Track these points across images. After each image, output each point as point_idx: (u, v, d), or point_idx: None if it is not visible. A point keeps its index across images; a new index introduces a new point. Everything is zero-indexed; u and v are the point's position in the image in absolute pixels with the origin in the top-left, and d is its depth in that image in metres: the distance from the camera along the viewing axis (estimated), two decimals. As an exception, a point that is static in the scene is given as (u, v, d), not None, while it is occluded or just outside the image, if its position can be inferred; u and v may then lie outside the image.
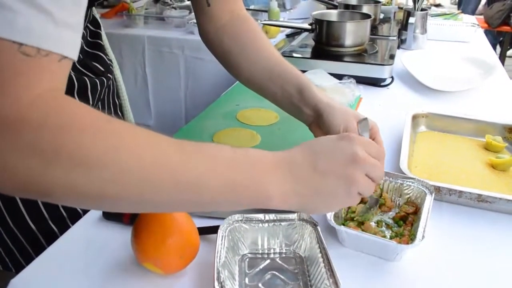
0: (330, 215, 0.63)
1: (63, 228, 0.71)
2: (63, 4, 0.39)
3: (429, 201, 0.66)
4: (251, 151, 0.50)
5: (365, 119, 0.66)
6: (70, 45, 0.41)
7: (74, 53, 0.42)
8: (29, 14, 0.37)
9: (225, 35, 0.81)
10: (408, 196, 0.71)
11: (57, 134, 0.38)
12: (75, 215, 0.78)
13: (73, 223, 0.72)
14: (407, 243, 0.60)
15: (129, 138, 0.42)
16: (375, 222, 0.69)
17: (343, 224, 0.66)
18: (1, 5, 0.36)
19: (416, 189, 0.70)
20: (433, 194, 0.68)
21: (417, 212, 0.68)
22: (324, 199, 0.52)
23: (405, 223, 0.67)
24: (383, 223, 0.69)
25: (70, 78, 0.48)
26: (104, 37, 0.97)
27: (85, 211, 0.78)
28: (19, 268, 0.76)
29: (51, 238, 0.71)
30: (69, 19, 0.40)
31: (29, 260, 0.72)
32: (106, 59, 0.92)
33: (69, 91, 0.48)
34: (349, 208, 0.70)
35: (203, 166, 0.46)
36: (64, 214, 0.79)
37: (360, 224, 0.67)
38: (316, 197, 0.52)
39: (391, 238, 0.64)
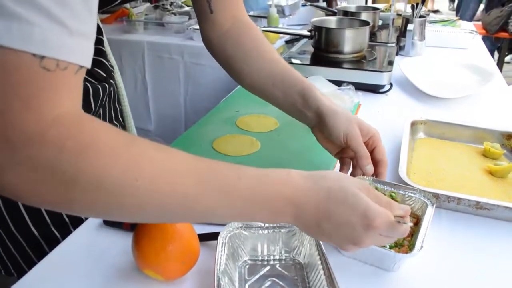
0: None
1: (65, 233, 0.72)
2: (77, 13, 0.40)
3: (430, 212, 0.66)
4: (269, 182, 0.51)
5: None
6: (85, 54, 0.41)
7: (88, 62, 0.42)
8: (45, 26, 0.37)
9: (228, 41, 0.82)
10: (410, 207, 0.71)
11: (77, 157, 0.39)
12: (77, 221, 0.79)
13: (75, 228, 0.72)
14: (406, 253, 0.60)
15: (147, 166, 0.43)
16: None
17: None
18: (18, 18, 0.36)
19: (417, 200, 0.70)
20: (434, 206, 0.68)
21: (418, 223, 0.68)
22: (325, 238, 0.54)
23: None
24: None
25: None
26: (106, 43, 0.97)
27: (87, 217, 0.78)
28: (21, 273, 0.75)
29: (53, 243, 0.71)
30: (82, 28, 0.40)
31: (31, 265, 0.71)
32: (108, 65, 0.93)
33: None
34: None
35: (217, 199, 0.47)
36: (67, 219, 0.79)
37: None
38: (315, 236, 0.58)
39: (390, 247, 0.64)
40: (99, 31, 0.92)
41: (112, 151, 0.41)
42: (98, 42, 0.92)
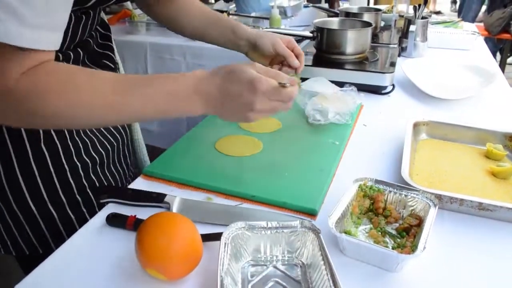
0: (332, 223, 0.63)
1: (61, 212, 0.83)
2: (36, 11, 0.54)
3: (432, 214, 0.66)
4: (174, 83, 0.67)
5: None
6: (44, 42, 0.57)
7: (56, 46, 0.60)
8: (6, 20, 0.52)
9: (172, 7, 1.06)
10: (412, 208, 0.71)
11: (35, 99, 0.58)
12: (75, 202, 0.85)
13: (70, 208, 0.83)
14: (408, 254, 0.60)
15: (83, 93, 0.61)
16: (379, 231, 0.69)
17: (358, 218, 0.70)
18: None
19: (420, 201, 0.70)
20: (437, 207, 0.68)
21: (420, 224, 0.68)
22: (229, 115, 0.71)
23: (408, 235, 0.67)
24: (387, 234, 0.69)
25: None
26: (113, 40, 1.02)
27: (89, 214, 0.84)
28: (18, 251, 0.84)
29: (51, 222, 0.83)
30: (40, 22, 0.55)
31: (29, 244, 0.83)
32: (114, 59, 1.00)
33: None
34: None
35: (140, 104, 0.64)
36: (64, 199, 0.84)
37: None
38: (224, 114, 0.71)
39: (393, 248, 0.64)
40: (107, 28, 0.99)
41: (57, 90, 0.59)
42: (106, 38, 0.98)
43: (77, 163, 0.84)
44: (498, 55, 4.40)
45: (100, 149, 0.89)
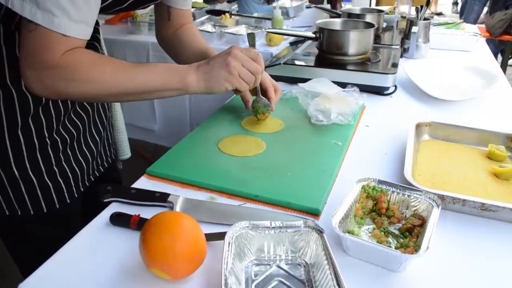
0: (335, 223, 0.63)
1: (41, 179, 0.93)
2: (79, 9, 0.74)
3: (435, 214, 0.66)
4: (176, 65, 0.90)
5: (252, 33, 1.13)
6: (80, 32, 0.77)
7: (85, 35, 0.79)
8: (59, 15, 0.73)
9: (175, 39, 1.17)
10: (415, 208, 0.72)
11: (70, 71, 0.78)
12: (65, 173, 0.97)
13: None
14: (412, 254, 0.61)
15: (112, 66, 0.82)
16: (382, 231, 0.69)
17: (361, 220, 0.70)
18: (50, 11, 0.72)
19: (423, 201, 0.71)
20: (440, 207, 0.68)
21: (423, 224, 0.68)
22: (215, 79, 0.88)
23: (411, 235, 0.68)
24: (390, 234, 0.69)
25: None
26: (101, 33, 1.11)
27: (74, 190, 0.96)
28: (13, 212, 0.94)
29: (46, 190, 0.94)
30: (81, 18, 0.76)
31: (23, 205, 0.93)
32: (99, 49, 1.08)
33: None
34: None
35: (145, 73, 0.84)
36: (56, 170, 0.95)
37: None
38: (210, 79, 0.88)
39: (396, 248, 0.64)
40: (96, 31, 1.05)
41: (86, 68, 0.79)
42: (94, 30, 1.01)
43: (57, 137, 0.93)
44: (500, 56, 4.40)
45: (78, 121, 0.99)
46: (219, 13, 2.32)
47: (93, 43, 1.01)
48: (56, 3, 0.71)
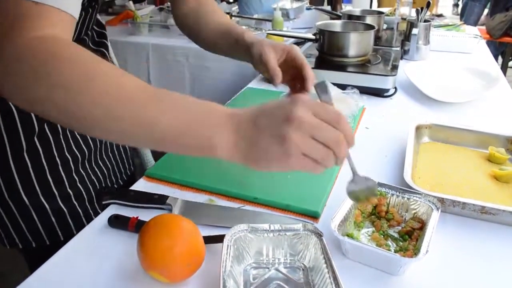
0: (334, 226, 0.63)
1: (53, 203, 0.83)
2: None
3: (435, 217, 0.66)
4: (208, 102, 0.56)
5: (323, 82, 0.62)
6: (68, 3, 0.55)
7: (73, 11, 0.56)
8: None
9: (191, 14, 1.02)
10: (415, 211, 0.71)
11: (46, 63, 0.51)
12: (67, 196, 0.86)
13: (62, 201, 0.81)
14: (411, 257, 0.60)
15: (102, 74, 0.52)
16: (381, 234, 0.69)
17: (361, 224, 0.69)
18: None
19: (422, 204, 0.70)
20: (440, 210, 0.68)
21: (423, 227, 0.68)
22: (262, 155, 0.53)
23: (411, 238, 0.67)
24: (389, 237, 0.69)
25: None
26: (109, 44, 1.02)
27: (91, 213, 0.86)
28: (13, 244, 0.85)
29: (42, 212, 0.84)
30: None
31: (22, 236, 0.85)
32: (109, 57, 1.00)
33: None
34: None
35: (162, 107, 0.53)
36: (55, 191, 0.85)
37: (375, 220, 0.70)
38: (255, 152, 0.53)
39: (395, 252, 0.64)
40: (102, 27, 1.00)
41: (74, 59, 0.52)
42: (102, 36, 0.99)
43: (68, 156, 0.85)
44: (500, 58, 4.40)
45: (91, 142, 0.90)
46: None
47: (100, 50, 0.96)
48: None
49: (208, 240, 0.64)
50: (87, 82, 0.50)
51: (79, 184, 0.87)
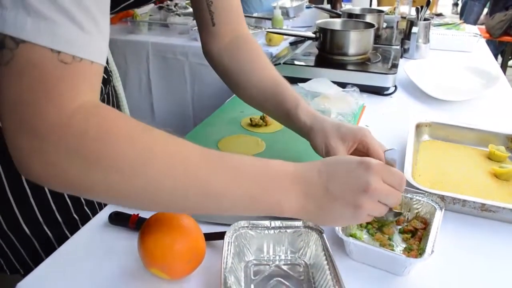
0: (338, 227, 0.62)
1: (57, 232, 0.74)
2: (92, 15, 0.44)
3: (439, 217, 0.66)
4: (271, 164, 0.53)
5: (392, 149, 0.60)
6: (98, 51, 0.45)
7: (102, 59, 0.46)
8: (67, 25, 0.41)
9: (226, 55, 0.84)
10: (417, 211, 0.71)
11: (98, 143, 0.42)
12: (72, 222, 0.80)
13: (67, 229, 0.72)
14: (416, 257, 0.60)
15: (161, 148, 0.46)
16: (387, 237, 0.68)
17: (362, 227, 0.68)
18: (44, 17, 0.40)
19: (425, 204, 0.70)
20: (443, 210, 0.67)
21: (426, 227, 0.67)
22: (331, 218, 0.55)
23: (414, 238, 0.67)
24: (392, 239, 0.68)
25: None
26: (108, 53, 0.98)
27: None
28: (14, 270, 0.79)
29: (45, 241, 0.77)
30: (95, 28, 0.44)
31: (23, 263, 0.77)
32: (107, 67, 0.94)
33: None
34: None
35: (227, 178, 0.49)
36: (76, 217, 0.80)
37: (380, 229, 0.68)
38: (324, 215, 0.54)
39: (399, 251, 0.64)
40: None
41: (129, 136, 0.44)
42: None
43: None
44: (499, 57, 4.40)
45: None
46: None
47: None
48: (54, 2, 0.40)
49: (209, 237, 0.64)
50: (146, 163, 0.44)
51: (85, 207, 0.82)
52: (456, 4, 7.16)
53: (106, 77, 0.93)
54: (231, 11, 0.84)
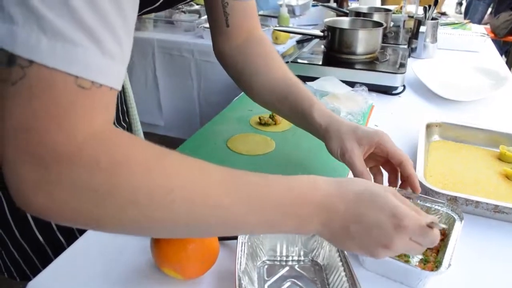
0: None
1: (71, 239, 0.70)
2: (117, 36, 0.40)
3: (458, 228, 0.63)
4: (298, 187, 0.49)
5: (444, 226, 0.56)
6: (117, 77, 0.41)
7: (119, 84, 0.42)
8: (87, 47, 0.37)
9: (239, 56, 0.83)
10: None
11: (110, 175, 0.38)
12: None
13: (81, 235, 0.70)
14: (432, 270, 0.58)
15: (180, 178, 0.42)
16: None
17: None
18: (63, 38, 0.36)
19: (444, 214, 0.67)
20: (463, 221, 0.64)
21: (444, 239, 0.65)
22: (344, 247, 0.53)
23: (431, 249, 0.63)
24: None
25: None
26: None
27: None
28: (24, 277, 0.78)
29: (58, 249, 0.72)
30: (119, 51, 0.40)
31: (34, 269, 0.75)
32: None
33: None
34: None
35: (248, 208, 0.46)
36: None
37: None
38: (337, 244, 0.53)
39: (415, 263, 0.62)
40: None
41: (144, 166, 0.40)
42: None
43: None
44: (504, 57, 4.39)
45: None
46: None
47: None
48: (75, 18, 0.36)
49: (222, 237, 0.63)
50: (164, 195, 0.41)
51: None
52: (460, 4, 7.13)
53: None
54: (246, 13, 0.82)
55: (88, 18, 0.37)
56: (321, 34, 1.39)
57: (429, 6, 1.69)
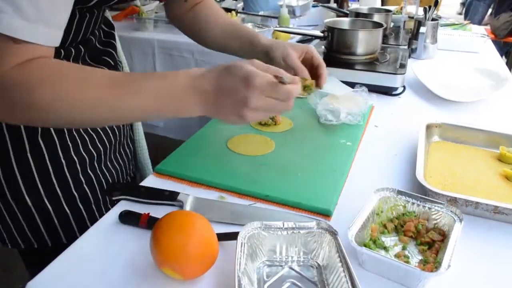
0: (351, 236, 0.61)
1: (58, 208, 0.83)
2: (35, 2, 0.57)
3: (458, 229, 0.64)
4: (169, 80, 0.65)
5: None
6: (42, 37, 0.59)
7: (54, 42, 0.62)
8: (6, 11, 0.55)
9: (194, 16, 1.04)
10: (436, 222, 0.69)
11: (23, 91, 0.59)
12: (71, 195, 0.85)
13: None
14: (431, 271, 0.58)
15: (73, 87, 0.61)
16: (402, 247, 0.67)
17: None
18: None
19: (444, 215, 0.68)
20: (462, 222, 0.65)
21: (444, 239, 0.65)
22: (224, 117, 0.68)
23: (431, 250, 0.65)
24: (407, 249, 0.66)
25: None
26: (117, 39, 1.02)
27: (97, 215, 0.85)
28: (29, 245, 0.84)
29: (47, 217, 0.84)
30: (35, 13, 0.57)
31: (41, 238, 0.85)
32: (116, 56, 0.98)
33: None
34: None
35: (134, 101, 0.63)
36: (60, 194, 0.83)
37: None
38: (217, 115, 0.68)
39: (414, 263, 0.62)
40: (111, 27, 0.99)
41: (45, 81, 0.60)
42: (110, 36, 0.98)
43: (75, 158, 0.84)
44: (504, 58, 4.39)
45: (99, 144, 0.89)
46: (225, 11, 2.31)
47: (108, 50, 0.94)
48: None
49: (221, 237, 0.63)
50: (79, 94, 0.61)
51: (85, 186, 0.86)
52: (464, 4, 7.13)
53: (113, 64, 0.96)
54: None
55: None
56: (321, 34, 1.38)
57: (430, 7, 1.70)
